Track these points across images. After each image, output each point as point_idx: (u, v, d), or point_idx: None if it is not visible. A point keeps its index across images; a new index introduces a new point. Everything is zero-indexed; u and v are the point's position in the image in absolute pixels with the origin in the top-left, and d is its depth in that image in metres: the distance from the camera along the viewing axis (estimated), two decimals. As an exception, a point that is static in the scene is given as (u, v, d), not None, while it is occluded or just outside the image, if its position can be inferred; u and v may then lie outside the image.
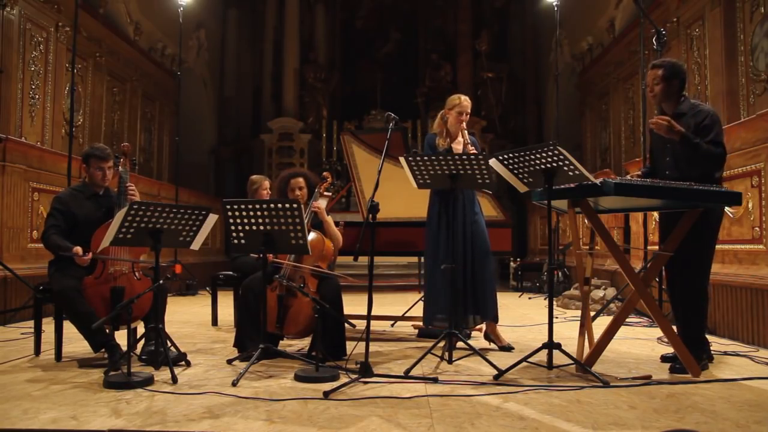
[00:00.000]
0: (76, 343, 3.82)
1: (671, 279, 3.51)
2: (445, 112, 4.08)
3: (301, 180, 4.00)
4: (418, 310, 5.15)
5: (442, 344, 3.57)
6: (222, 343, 4.19)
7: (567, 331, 4.48)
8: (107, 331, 3.35)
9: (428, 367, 3.38)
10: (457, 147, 4.01)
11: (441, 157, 3.42)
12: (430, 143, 4.12)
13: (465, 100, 4.06)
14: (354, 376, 2.99)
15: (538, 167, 3.16)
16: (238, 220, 3.23)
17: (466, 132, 4.01)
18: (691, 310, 3.37)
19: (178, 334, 4.24)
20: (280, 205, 3.19)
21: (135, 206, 3.05)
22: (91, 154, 3.70)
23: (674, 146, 3.38)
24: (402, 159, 3.50)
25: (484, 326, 4.14)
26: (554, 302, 4.02)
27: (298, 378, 3.02)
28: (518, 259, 9.53)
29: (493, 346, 3.96)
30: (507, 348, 3.87)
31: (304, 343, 3.97)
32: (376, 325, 4.85)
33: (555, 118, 9.54)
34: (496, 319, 3.99)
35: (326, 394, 2.70)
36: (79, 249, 3.37)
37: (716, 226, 3.44)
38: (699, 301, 3.37)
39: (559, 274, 7.69)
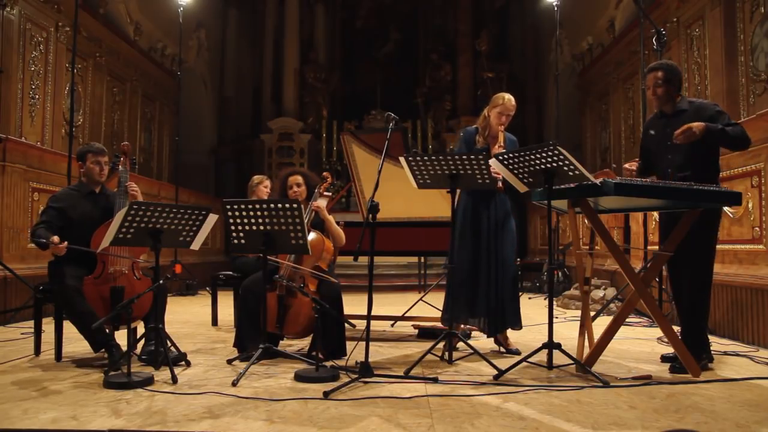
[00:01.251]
0: (76, 343, 3.82)
1: (676, 280, 3.50)
2: (488, 109, 3.95)
3: (299, 177, 4.00)
4: (418, 310, 5.15)
5: (442, 344, 3.57)
6: (222, 343, 4.19)
7: (567, 331, 4.48)
8: (107, 331, 3.35)
9: (428, 367, 3.38)
10: (495, 149, 3.81)
11: (441, 157, 3.42)
12: (468, 138, 3.98)
13: (509, 101, 3.89)
14: (354, 376, 2.99)
15: (538, 167, 3.16)
16: (238, 220, 3.23)
17: (501, 135, 3.87)
18: (694, 310, 3.37)
19: (178, 334, 4.23)
20: (280, 205, 3.18)
21: (135, 206, 3.05)
22: (88, 149, 3.74)
23: (677, 145, 3.38)
24: (402, 159, 3.50)
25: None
26: (554, 302, 4.01)
27: (298, 378, 3.02)
28: (518, 259, 9.52)
29: (501, 349, 3.93)
30: (514, 352, 3.81)
31: (304, 343, 3.97)
32: (376, 325, 4.84)
33: (555, 118, 9.54)
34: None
35: (326, 394, 2.70)
36: (55, 238, 3.34)
37: (716, 226, 3.44)
38: (702, 301, 3.37)
39: (559, 274, 7.69)
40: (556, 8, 8.26)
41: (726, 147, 3.37)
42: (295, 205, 3.18)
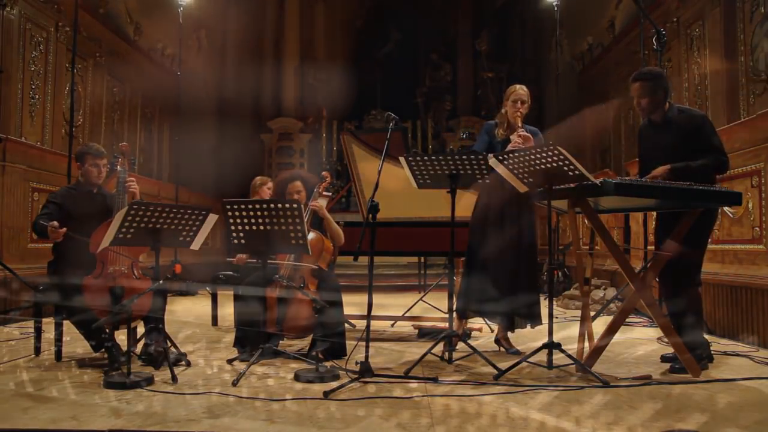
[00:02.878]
0: (76, 343, 3.82)
1: (664, 280, 3.49)
2: (504, 103, 3.99)
3: (298, 184, 3.97)
4: (418, 310, 5.16)
5: (442, 344, 3.57)
6: (222, 343, 4.19)
7: (567, 331, 4.48)
8: (107, 331, 3.35)
9: (428, 367, 3.38)
10: (515, 137, 3.81)
11: (441, 157, 3.43)
12: (488, 129, 4.01)
13: (521, 89, 3.96)
14: (354, 376, 2.99)
15: (538, 167, 3.16)
16: (238, 220, 3.23)
17: (519, 125, 3.85)
18: (688, 310, 3.36)
19: (178, 334, 4.24)
20: (279, 205, 3.19)
21: (135, 206, 3.05)
22: (87, 151, 3.75)
23: (668, 153, 3.38)
24: (402, 159, 3.50)
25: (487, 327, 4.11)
26: (554, 302, 4.01)
27: (298, 378, 3.02)
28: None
29: (502, 349, 3.92)
30: (515, 352, 3.81)
31: (304, 343, 3.97)
32: (376, 325, 4.84)
33: (555, 118, 9.53)
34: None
35: (326, 394, 2.70)
36: (54, 222, 3.36)
37: (711, 227, 3.44)
38: (695, 300, 3.37)
39: (559, 274, 7.68)
40: (556, 8, 8.27)
41: (699, 176, 3.23)
42: (294, 205, 3.18)
